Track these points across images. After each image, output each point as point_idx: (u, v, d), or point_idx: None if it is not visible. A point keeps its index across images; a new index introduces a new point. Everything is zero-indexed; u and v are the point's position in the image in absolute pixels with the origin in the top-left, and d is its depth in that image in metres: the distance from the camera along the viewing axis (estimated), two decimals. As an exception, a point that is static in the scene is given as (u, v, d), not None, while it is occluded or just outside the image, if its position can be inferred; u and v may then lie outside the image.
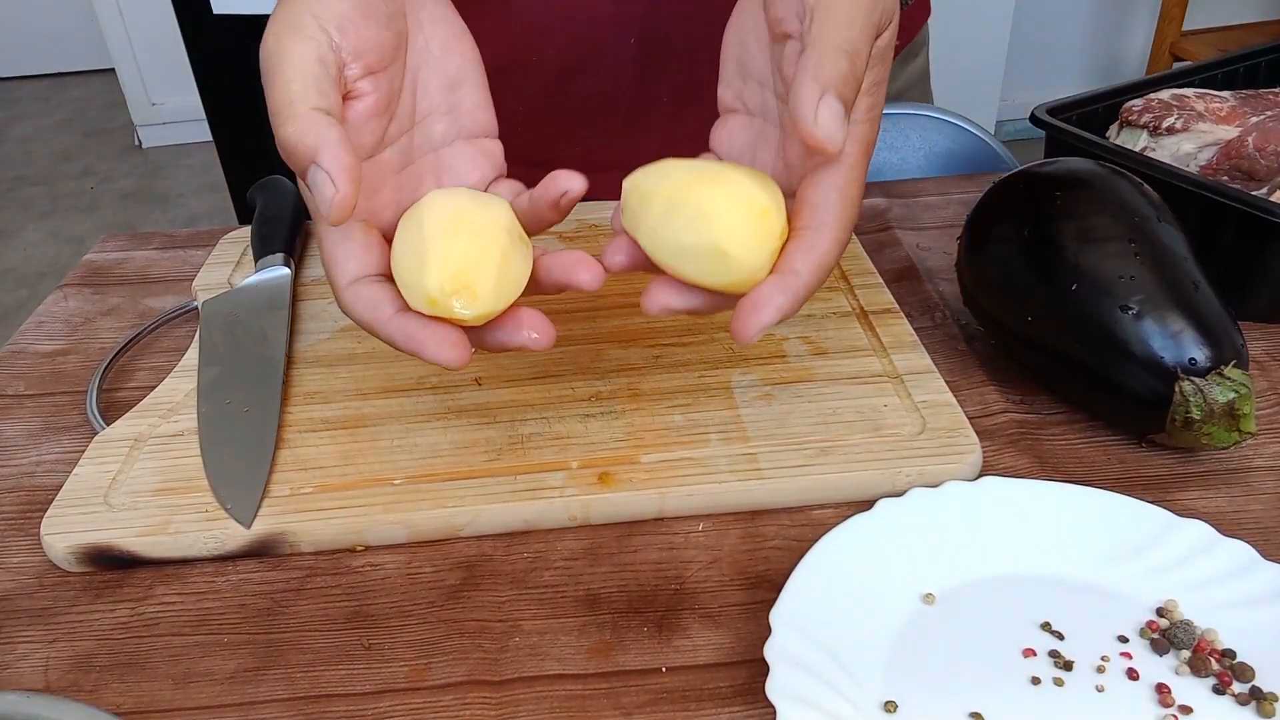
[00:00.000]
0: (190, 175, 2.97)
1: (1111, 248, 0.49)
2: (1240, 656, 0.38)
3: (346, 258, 0.39)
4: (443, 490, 0.47)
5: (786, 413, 0.51)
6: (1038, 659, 0.39)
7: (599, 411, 0.52)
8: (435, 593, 0.44)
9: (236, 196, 2.36)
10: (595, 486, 0.47)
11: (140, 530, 0.45)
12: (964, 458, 0.47)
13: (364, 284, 0.39)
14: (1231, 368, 0.46)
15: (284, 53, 0.37)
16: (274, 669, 0.41)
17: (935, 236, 0.69)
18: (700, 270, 0.38)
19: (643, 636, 0.41)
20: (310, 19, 0.38)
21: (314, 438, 0.51)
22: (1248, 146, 0.60)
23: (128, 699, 0.40)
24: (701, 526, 0.47)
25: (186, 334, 0.61)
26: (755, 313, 0.37)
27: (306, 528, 0.45)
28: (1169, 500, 0.46)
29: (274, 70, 0.37)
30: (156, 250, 0.71)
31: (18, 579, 0.45)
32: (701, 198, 0.38)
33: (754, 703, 0.38)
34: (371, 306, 0.39)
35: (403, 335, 0.39)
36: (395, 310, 0.39)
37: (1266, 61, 0.75)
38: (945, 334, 0.59)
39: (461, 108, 0.44)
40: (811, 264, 0.38)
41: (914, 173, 0.85)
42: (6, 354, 0.61)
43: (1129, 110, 0.65)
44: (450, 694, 0.39)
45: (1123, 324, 0.47)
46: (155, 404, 0.53)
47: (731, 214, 0.37)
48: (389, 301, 0.39)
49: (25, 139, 3.22)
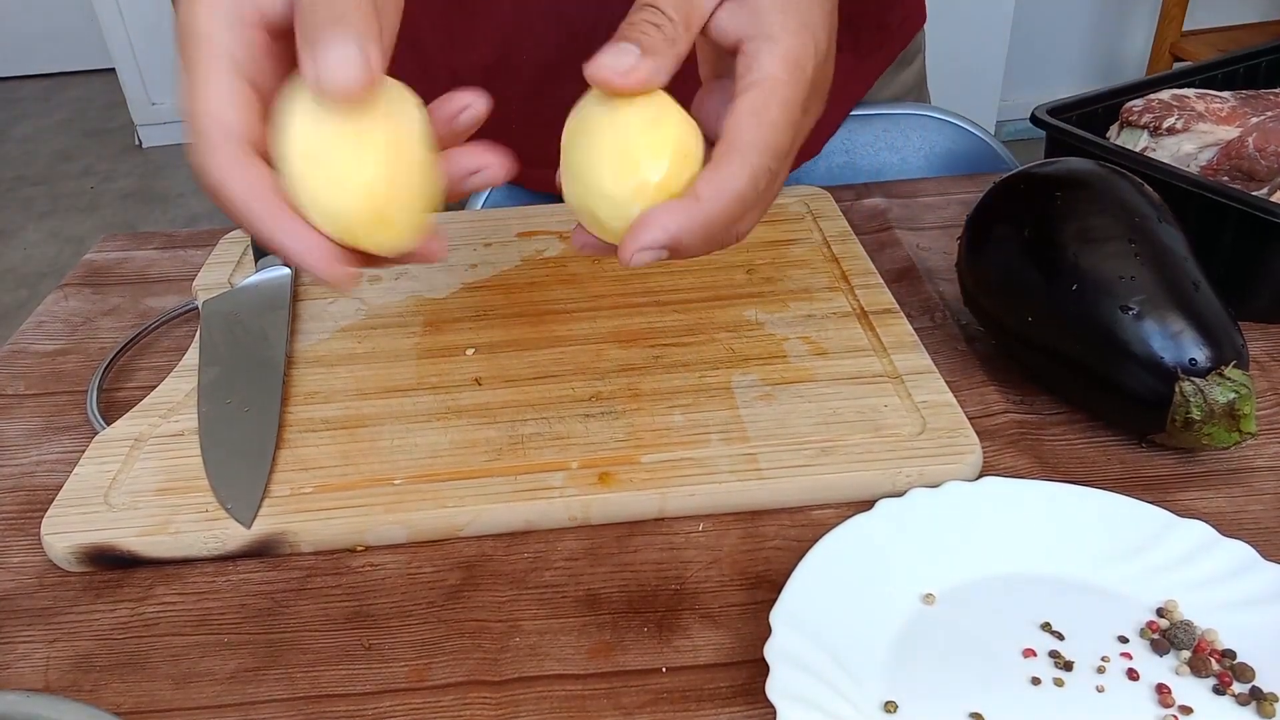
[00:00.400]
0: (190, 175, 2.95)
1: (1112, 248, 0.49)
2: (1240, 656, 0.38)
3: (228, 106, 0.33)
4: (443, 490, 0.47)
5: (787, 413, 0.51)
6: (1038, 659, 0.39)
7: (599, 411, 0.52)
8: (435, 593, 0.44)
9: (236, 196, 2.36)
10: (595, 486, 0.47)
11: (140, 530, 0.45)
12: (964, 458, 0.47)
13: (245, 147, 0.33)
14: (1232, 368, 0.46)
15: None
16: (274, 669, 0.41)
17: (935, 236, 0.69)
18: (590, 222, 0.37)
19: (643, 636, 0.41)
20: None
21: (314, 438, 0.51)
22: (1248, 147, 0.60)
23: (128, 699, 0.40)
24: (702, 526, 0.47)
25: (186, 334, 0.61)
26: (636, 233, 0.35)
27: (306, 528, 0.45)
28: (1169, 500, 0.46)
29: None
30: (156, 250, 0.71)
31: (18, 579, 0.45)
32: (586, 146, 0.36)
33: (754, 703, 0.38)
34: (255, 181, 0.33)
35: (288, 237, 0.33)
36: (278, 199, 0.33)
37: (1266, 61, 0.75)
38: (945, 334, 0.59)
39: None
40: (714, 189, 0.35)
41: (914, 173, 0.85)
42: (6, 354, 0.61)
43: (1129, 110, 0.65)
44: (450, 694, 0.39)
45: (1123, 324, 0.47)
46: (155, 404, 0.53)
47: (604, 164, 0.35)
48: (272, 185, 0.33)
49: (25, 139, 3.22)
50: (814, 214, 0.69)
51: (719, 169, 0.35)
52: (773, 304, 0.60)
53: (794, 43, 0.36)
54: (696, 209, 0.35)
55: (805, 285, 0.61)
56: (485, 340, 0.58)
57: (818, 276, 0.62)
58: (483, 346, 0.57)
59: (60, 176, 2.99)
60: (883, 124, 0.85)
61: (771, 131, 0.35)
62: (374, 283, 0.64)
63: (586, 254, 0.40)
